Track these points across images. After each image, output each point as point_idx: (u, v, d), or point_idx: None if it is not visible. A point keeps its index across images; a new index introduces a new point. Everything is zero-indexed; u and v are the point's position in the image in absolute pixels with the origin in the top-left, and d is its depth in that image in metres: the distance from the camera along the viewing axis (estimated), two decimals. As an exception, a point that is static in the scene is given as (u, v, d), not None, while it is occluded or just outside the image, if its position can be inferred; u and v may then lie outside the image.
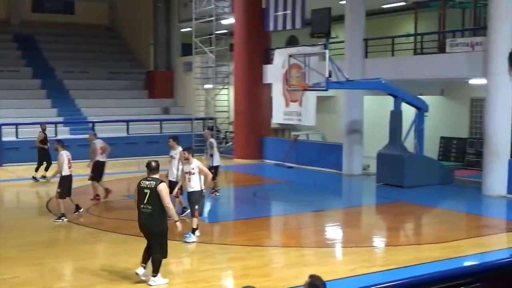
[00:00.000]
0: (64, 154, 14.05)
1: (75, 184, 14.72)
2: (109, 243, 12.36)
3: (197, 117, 28.67)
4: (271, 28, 24.15)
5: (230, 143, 27.62)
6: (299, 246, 12.20)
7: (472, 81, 19.79)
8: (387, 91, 19.03)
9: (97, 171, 16.26)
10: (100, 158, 16.27)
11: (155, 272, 9.45)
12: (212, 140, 17.28)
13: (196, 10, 27.80)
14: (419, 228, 14.68)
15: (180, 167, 13.07)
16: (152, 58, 33.07)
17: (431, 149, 21.66)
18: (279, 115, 23.93)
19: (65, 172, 13.96)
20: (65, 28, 33.67)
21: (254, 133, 25.27)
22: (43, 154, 19.85)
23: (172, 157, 13.93)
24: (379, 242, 12.84)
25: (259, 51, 25.24)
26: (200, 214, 12.30)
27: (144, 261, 9.62)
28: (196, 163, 12.09)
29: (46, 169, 19.72)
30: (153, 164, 9.49)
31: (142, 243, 10.07)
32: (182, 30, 32.06)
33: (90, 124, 25.98)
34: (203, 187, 12.17)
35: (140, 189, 9.36)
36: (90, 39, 33.95)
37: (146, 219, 9.35)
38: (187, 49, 31.02)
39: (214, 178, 15.99)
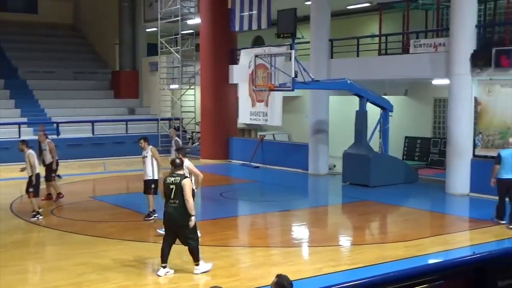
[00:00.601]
0: (34, 153, 14.23)
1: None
2: (75, 244, 12.22)
3: (163, 118, 28.55)
4: (237, 28, 24.16)
5: (197, 143, 27.57)
6: (266, 246, 12.24)
7: (435, 82, 20.09)
8: (352, 91, 19.20)
9: (50, 171, 16.37)
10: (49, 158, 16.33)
11: (196, 260, 10.00)
12: (177, 139, 17.48)
13: (162, 10, 27.68)
14: (384, 227, 14.85)
15: (155, 164, 13.60)
16: (117, 58, 32.82)
17: (396, 149, 21.92)
18: (245, 116, 23.98)
19: (37, 170, 14.10)
20: (28, 28, 33.21)
21: (220, 133, 25.26)
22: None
23: (144, 157, 13.86)
24: (345, 241, 12.96)
25: (225, 51, 25.24)
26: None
27: (164, 260, 9.96)
28: (187, 162, 11.96)
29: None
30: (178, 161, 10.14)
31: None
32: (147, 30, 31.89)
33: (55, 125, 25.67)
34: (194, 187, 12.13)
35: (166, 186, 9.82)
36: (54, 39, 33.55)
37: (173, 213, 9.79)
38: (152, 49, 30.88)
39: None
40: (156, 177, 13.68)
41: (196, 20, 26.81)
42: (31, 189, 14.02)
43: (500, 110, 16.62)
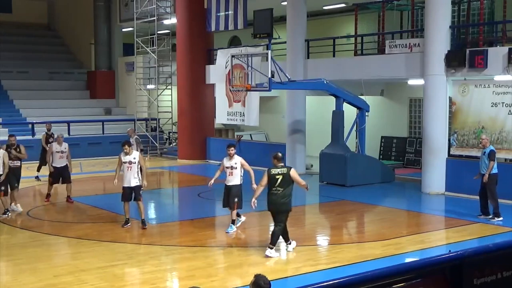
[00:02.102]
0: (6, 153, 14.32)
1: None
2: (51, 246, 12.12)
3: (139, 118, 28.42)
4: (213, 28, 24.13)
5: (174, 143, 27.48)
6: (244, 246, 12.26)
7: (411, 82, 20.26)
8: (329, 91, 19.29)
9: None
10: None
11: (273, 244, 10.98)
12: (137, 137, 18.41)
13: (138, 9, 27.54)
14: (361, 226, 14.94)
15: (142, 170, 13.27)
16: (93, 58, 32.59)
17: (372, 149, 22.08)
18: (222, 116, 23.96)
19: (7, 170, 14.13)
20: (2, 27, 32.79)
21: (198, 133, 25.21)
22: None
23: (131, 162, 13.09)
24: (323, 240, 13.01)
25: (202, 51, 25.20)
26: (240, 206, 12.93)
27: (287, 240, 11.32)
28: (238, 159, 12.89)
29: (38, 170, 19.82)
30: (280, 154, 11.46)
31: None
32: (123, 30, 31.71)
33: (30, 125, 25.42)
34: (240, 182, 12.93)
35: (272, 176, 11.07)
36: (29, 39, 33.20)
37: (276, 199, 11.02)
38: (129, 49, 30.72)
39: None
40: (145, 183, 13.33)
41: (172, 20, 26.73)
42: (2, 187, 14.10)
43: (474, 110, 16.81)
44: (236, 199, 12.73)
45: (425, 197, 17.22)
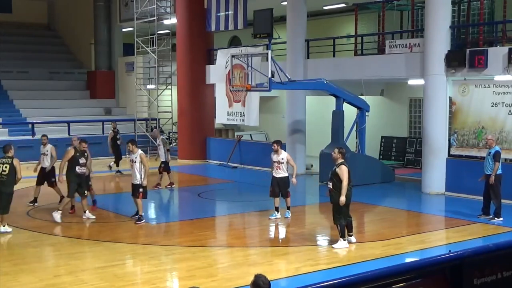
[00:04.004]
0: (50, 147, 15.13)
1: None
2: (51, 246, 12.12)
3: (139, 118, 28.41)
4: (213, 28, 24.13)
5: (174, 143, 27.48)
6: (244, 246, 12.25)
7: (411, 82, 20.25)
8: (329, 91, 19.29)
9: None
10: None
11: (342, 235, 11.64)
12: (163, 137, 19.11)
13: (138, 9, 27.53)
14: (361, 226, 14.90)
15: (143, 169, 13.54)
16: (93, 58, 32.58)
17: (373, 149, 22.08)
18: (222, 116, 23.97)
19: (55, 161, 14.97)
20: (2, 27, 32.80)
21: (198, 133, 25.21)
22: (117, 149, 21.22)
23: (132, 161, 13.56)
24: (323, 240, 13.01)
25: (202, 51, 25.20)
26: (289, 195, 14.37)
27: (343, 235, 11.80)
28: (285, 154, 14.32)
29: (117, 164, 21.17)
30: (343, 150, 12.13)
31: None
32: (123, 30, 31.70)
33: (30, 125, 25.42)
34: (287, 174, 14.31)
35: (349, 172, 11.83)
36: (29, 39, 33.19)
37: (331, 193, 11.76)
38: (129, 49, 30.71)
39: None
40: (145, 183, 13.54)
41: (172, 20, 26.72)
42: (53, 179, 15.13)
43: (474, 110, 16.81)
44: (288, 189, 14.27)
45: (425, 197, 17.21)
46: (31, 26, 34.32)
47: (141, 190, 13.50)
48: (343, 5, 24.89)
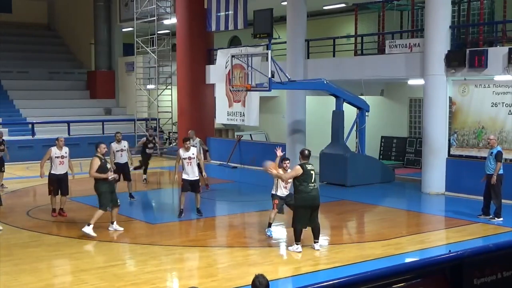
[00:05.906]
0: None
1: None
2: (51, 246, 12.11)
3: (139, 118, 28.42)
4: (214, 28, 24.14)
5: (174, 143, 27.48)
6: (244, 246, 12.25)
7: (411, 82, 20.25)
8: (329, 91, 19.29)
9: None
10: None
11: (317, 238, 11.41)
12: (200, 138, 18.95)
13: (138, 9, 27.54)
14: (361, 226, 14.94)
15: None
16: (93, 58, 32.61)
17: (373, 149, 22.08)
18: (222, 116, 23.97)
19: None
20: (2, 27, 32.83)
21: (198, 133, 24.98)
22: (146, 157, 19.42)
23: (190, 158, 14.20)
24: (323, 240, 12.96)
25: (202, 51, 25.20)
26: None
27: (298, 239, 11.30)
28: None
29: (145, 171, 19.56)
30: (307, 151, 11.54)
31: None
32: (123, 30, 31.72)
33: (30, 125, 25.43)
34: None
35: (308, 171, 11.12)
36: (29, 39, 33.23)
37: (317, 194, 11.19)
38: (129, 49, 30.73)
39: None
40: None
41: (172, 20, 26.73)
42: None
43: (474, 110, 16.81)
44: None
45: (425, 197, 17.21)
46: (31, 26, 34.34)
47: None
48: (343, 5, 24.90)
